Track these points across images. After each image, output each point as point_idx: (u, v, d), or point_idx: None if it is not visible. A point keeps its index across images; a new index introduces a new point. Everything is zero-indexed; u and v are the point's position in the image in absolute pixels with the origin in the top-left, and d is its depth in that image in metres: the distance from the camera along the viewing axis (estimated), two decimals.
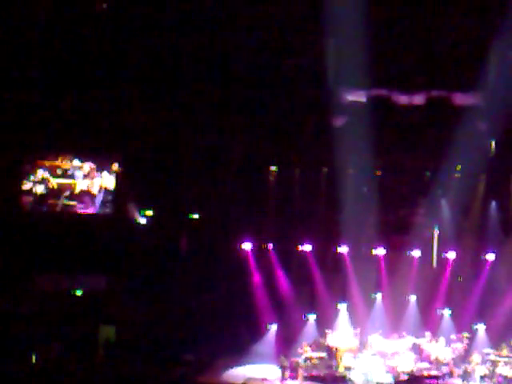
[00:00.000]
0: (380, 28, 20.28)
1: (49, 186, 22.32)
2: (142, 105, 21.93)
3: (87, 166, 22.43)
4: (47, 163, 22.28)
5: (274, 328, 22.53)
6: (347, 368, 20.81)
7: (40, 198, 22.34)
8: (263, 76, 21.38)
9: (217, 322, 22.77)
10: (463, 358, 21.45)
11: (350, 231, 22.95)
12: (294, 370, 20.73)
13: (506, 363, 20.88)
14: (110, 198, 22.56)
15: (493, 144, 22.47)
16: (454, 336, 21.99)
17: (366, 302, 23.25)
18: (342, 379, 20.66)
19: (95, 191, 22.46)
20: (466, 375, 20.64)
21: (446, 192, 23.21)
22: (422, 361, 21.37)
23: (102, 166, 22.52)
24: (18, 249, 22.20)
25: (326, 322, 22.61)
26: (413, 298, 23.20)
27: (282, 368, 20.81)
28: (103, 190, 22.52)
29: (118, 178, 22.49)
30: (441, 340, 21.78)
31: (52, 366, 21.15)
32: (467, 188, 22.79)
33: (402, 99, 21.92)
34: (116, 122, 22.01)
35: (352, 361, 20.98)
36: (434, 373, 20.96)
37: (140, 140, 22.35)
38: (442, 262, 23.52)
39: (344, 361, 21.01)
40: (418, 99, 21.87)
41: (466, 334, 22.01)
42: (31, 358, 21.15)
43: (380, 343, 21.64)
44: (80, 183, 22.41)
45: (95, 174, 22.45)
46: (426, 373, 20.97)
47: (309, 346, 21.57)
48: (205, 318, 22.89)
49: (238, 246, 23.11)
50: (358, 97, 21.87)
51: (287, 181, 23.35)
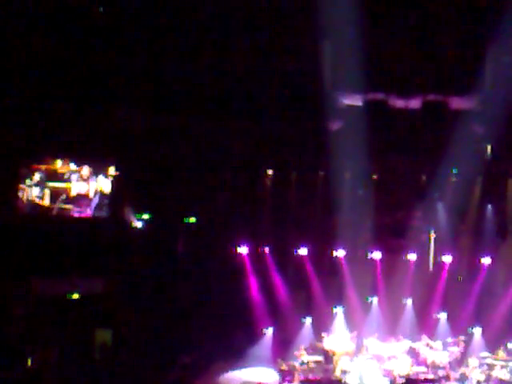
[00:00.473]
0: (376, 31, 20.24)
1: (45, 190, 22.31)
2: (138, 108, 21.91)
3: (83, 169, 22.41)
4: (43, 167, 22.26)
5: (270, 331, 22.52)
6: (343, 371, 20.81)
7: (36, 202, 22.32)
8: (259, 79, 21.37)
9: (213, 325, 22.74)
10: (460, 362, 21.48)
11: (347, 235, 22.94)
12: (291, 374, 20.75)
13: (502, 367, 20.92)
14: (106, 201, 22.52)
15: (489, 148, 22.48)
16: (450, 339, 22.01)
17: (363, 306, 23.23)
18: (339, 383, 20.68)
19: (91, 195, 22.45)
20: (463, 379, 20.68)
21: (442, 195, 23.18)
22: (418, 364, 21.35)
23: (97, 170, 22.49)
24: (14, 252, 22.15)
25: (322, 326, 22.59)
26: (409, 302, 23.18)
27: (280, 372, 20.84)
28: (99, 193, 22.50)
29: (115, 182, 22.47)
30: (437, 343, 21.79)
31: (48, 370, 21.16)
32: (463, 191, 22.77)
33: (399, 103, 21.91)
34: (112, 125, 21.98)
35: (348, 364, 20.99)
36: (430, 376, 20.97)
37: (136, 143, 22.32)
38: (439, 265, 23.52)
39: (340, 364, 21.01)
40: (415, 103, 21.86)
41: (462, 338, 22.03)
42: (27, 361, 21.17)
43: (376, 347, 21.63)
44: (76, 187, 22.38)
45: (91, 177, 22.43)
46: (422, 376, 20.99)
47: (305, 349, 21.57)
48: (201, 322, 22.86)
49: (234, 250, 23.10)
50: (354, 100, 21.86)
51: (283, 184, 23.34)
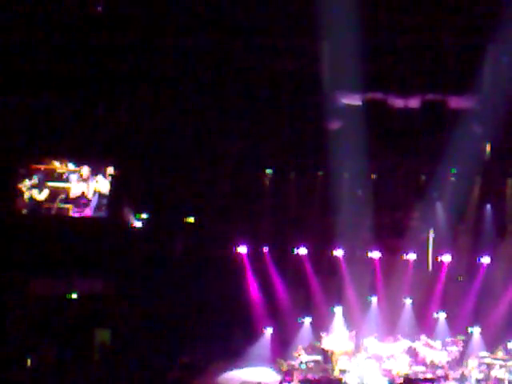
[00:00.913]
0: (375, 31, 20.23)
1: (44, 190, 22.30)
2: (137, 108, 21.92)
3: (82, 169, 22.41)
4: (42, 167, 22.26)
5: (269, 331, 22.52)
6: (342, 371, 20.79)
7: (35, 202, 22.33)
8: (257, 79, 21.39)
9: (212, 324, 22.75)
10: (459, 362, 21.47)
11: (346, 234, 22.93)
12: (290, 374, 20.75)
13: (501, 366, 20.88)
14: (105, 201, 22.53)
15: (488, 147, 22.50)
16: (449, 339, 22.01)
17: (362, 305, 23.21)
18: (338, 382, 20.65)
19: (90, 195, 22.44)
20: (462, 378, 20.64)
21: (441, 195, 23.18)
22: (417, 364, 21.33)
23: (96, 170, 22.49)
24: (13, 252, 22.18)
25: (321, 325, 22.58)
26: (408, 301, 23.18)
27: (279, 371, 20.85)
28: (98, 193, 22.49)
29: (113, 182, 22.46)
30: (436, 343, 21.79)
31: (47, 370, 21.17)
32: (462, 191, 22.78)
33: (398, 102, 21.92)
34: (111, 125, 22.01)
35: (347, 364, 20.97)
36: (429, 376, 20.92)
37: (135, 143, 22.35)
38: (438, 265, 23.52)
39: (339, 364, 21.00)
40: (414, 102, 21.87)
41: (461, 337, 22.04)
42: (26, 361, 21.17)
43: (375, 346, 21.61)
44: (75, 187, 22.38)
45: (90, 177, 22.43)
46: (421, 376, 20.95)
47: (304, 349, 21.57)
48: (200, 321, 22.88)
49: (233, 249, 23.10)
50: (353, 100, 21.87)
51: (282, 184, 23.35)
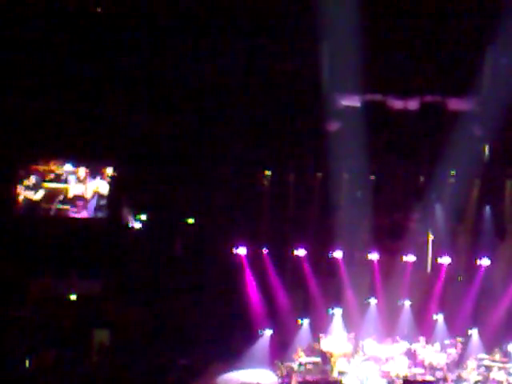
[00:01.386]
0: (374, 33, 20.26)
1: (42, 191, 22.31)
2: (136, 109, 21.93)
3: (80, 170, 22.42)
4: (40, 168, 22.28)
5: (268, 333, 22.51)
6: (341, 373, 20.79)
7: (33, 203, 22.34)
8: (257, 81, 21.41)
9: (211, 326, 22.77)
10: (457, 363, 21.49)
11: (345, 236, 22.94)
12: (288, 375, 20.75)
13: (499, 368, 20.91)
14: (104, 202, 22.53)
15: (487, 149, 22.51)
16: (448, 341, 22.01)
17: (360, 307, 23.22)
18: None
19: (88, 196, 22.45)
20: (460, 380, 20.67)
21: (440, 197, 23.21)
22: (415, 366, 21.35)
23: (95, 171, 22.50)
24: (12, 253, 22.19)
25: (320, 327, 22.59)
26: (407, 303, 23.19)
27: (278, 373, 20.84)
28: (97, 194, 22.50)
29: (113, 183, 22.47)
30: (435, 345, 21.79)
31: (46, 371, 21.16)
32: (461, 193, 22.81)
33: (397, 104, 21.94)
34: (110, 126, 22.01)
35: (346, 366, 20.97)
36: (428, 378, 20.95)
37: (134, 144, 22.36)
38: (437, 266, 23.53)
39: (338, 365, 20.99)
40: (413, 104, 21.90)
41: (460, 339, 22.04)
42: (25, 362, 21.17)
43: (374, 348, 21.62)
44: (73, 188, 22.39)
45: (88, 178, 22.43)
46: (419, 378, 20.97)
47: (303, 350, 21.59)
48: (199, 323, 22.89)
49: (232, 251, 23.10)
50: (352, 102, 21.89)
51: (281, 185, 23.37)
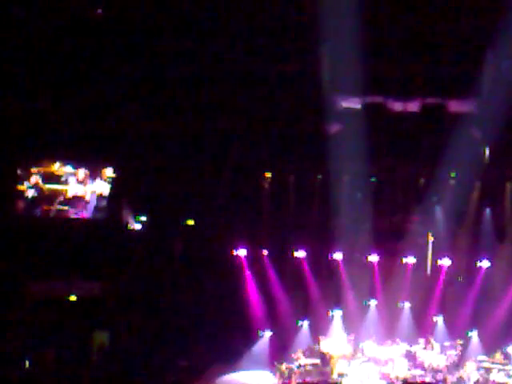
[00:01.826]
0: (375, 35, 20.25)
1: (42, 192, 22.31)
2: (136, 110, 21.93)
3: (80, 172, 22.43)
4: (41, 169, 22.28)
5: (267, 334, 22.52)
6: (341, 374, 20.80)
7: (34, 204, 22.34)
8: (258, 82, 21.40)
9: (211, 327, 22.78)
10: (457, 365, 21.48)
11: (345, 238, 22.96)
12: (288, 377, 20.75)
13: (499, 370, 20.94)
14: (104, 203, 22.53)
15: (487, 151, 22.50)
16: (447, 343, 22.01)
17: (360, 309, 23.23)
18: None
19: (88, 197, 22.46)
20: (460, 382, 20.69)
21: (440, 199, 23.21)
22: (415, 368, 21.37)
23: (95, 173, 22.50)
24: (12, 254, 22.20)
25: (319, 329, 22.59)
26: (407, 305, 23.20)
27: (277, 375, 20.84)
28: (96, 195, 22.50)
29: (113, 184, 22.47)
30: (435, 347, 21.79)
31: (45, 372, 21.18)
32: (462, 195, 22.82)
33: (397, 106, 21.93)
34: (110, 128, 22.03)
35: (345, 367, 20.98)
36: (427, 380, 20.96)
37: (134, 146, 22.36)
38: (437, 268, 23.53)
39: (338, 367, 21.01)
40: (413, 106, 21.89)
41: (460, 341, 22.04)
42: (24, 363, 21.18)
43: (374, 350, 21.63)
44: (73, 189, 22.40)
45: (88, 180, 22.44)
46: (419, 380, 20.97)
47: (302, 352, 21.59)
48: (199, 324, 22.89)
49: (232, 252, 23.10)
50: (352, 103, 21.88)
51: (282, 187, 23.38)
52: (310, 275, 23.40)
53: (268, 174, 23.43)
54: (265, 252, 23.39)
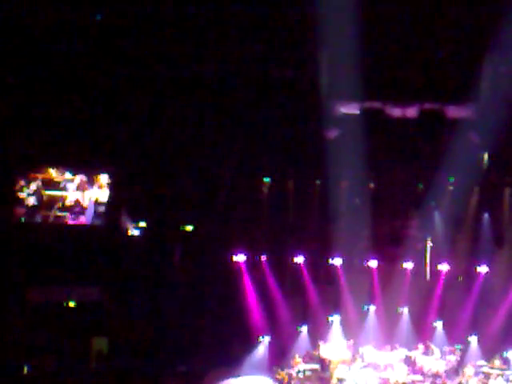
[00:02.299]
0: (373, 40, 20.28)
1: (41, 198, 22.32)
2: (134, 116, 21.95)
3: (78, 178, 22.44)
4: (40, 176, 22.30)
5: (266, 340, 22.51)
6: (340, 380, 20.76)
7: (33, 210, 22.35)
8: (256, 88, 21.42)
9: (209, 333, 22.78)
10: (456, 371, 21.47)
11: (343, 243, 22.92)
12: (287, 382, 20.74)
13: (498, 375, 20.93)
14: (102, 209, 22.53)
15: (486, 157, 22.52)
16: (446, 348, 22.00)
17: (359, 314, 23.22)
18: None
19: (86, 203, 22.45)
20: None
21: (439, 204, 23.21)
22: (414, 373, 21.31)
23: (93, 179, 22.51)
24: (11, 260, 22.19)
25: (318, 334, 22.56)
26: (406, 310, 23.18)
27: (276, 380, 20.81)
28: (94, 201, 22.49)
29: (111, 190, 22.47)
30: (434, 352, 21.78)
31: (44, 378, 21.17)
32: (460, 200, 22.83)
33: (395, 111, 21.95)
34: (109, 134, 22.04)
35: (345, 373, 20.94)
36: None
37: (133, 152, 22.37)
38: (435, 273, 23.52)
39: (337, 373, 20.96)
40: (411, 112, 21.90)
41: (459, 346, 22.05)
42: (23, 369, 21.16)
43: (373, 355, 21.59)
44: (71, 195, 22.41)
45: (86, 186, 22.44)
46: None
47: (301, 357, 21.57)
48: (198, 330, 22.89)
49: (231, 258, 23.09)
50: (351, 109, 21.90)
51: (280, 192, 23.38)
52: (309, 281, 23.38)
53: (267, 180, 23.46)
54: (264, 257, 23.41)
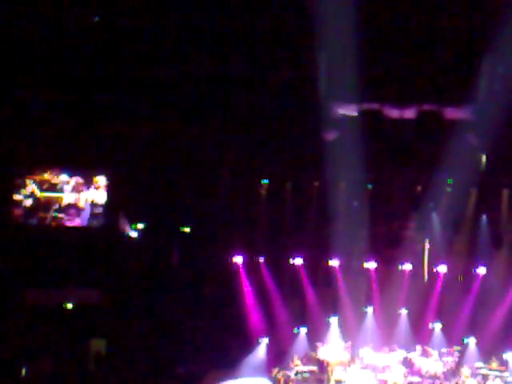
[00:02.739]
0: (372, 42, 20.26)
1: (38, 200, 22.29)
2: (133, 117, 21.93)
3: (74, 180, 22.42)
4: (37, 178, 22.29)
5: (264, 341, 22.51)
6: (338, 381, 20.78)
7: (30, 211, 22.33)
8: (254, 89, 21.39)
9: (207, 335, 22.77)
10: (454, 372, 21.48)
11: (341, 245, 22.91)
12: None
13: (496, 377, 20.96)
14: (99, 211, 22.50)
15: (483, 158, 22.52)
16: (445, 349, 22.01)
17: (357, 316, 23.22)
18: None
19: (82, 204, 22.44)
20: None
21: (437, 206, 23.20)
22: (412, 375, 21.32)
23: (89, 181, 22.50)
24: (9, 262, 22.17)
25: (316, 336, 22.56)
26: (404, 312, 23.18)
27: (274, 382, 20.81)
28: (91, 203, 22.47)
29: (109, 192, 22.45)
30: (432, 353, 21.79)
31: (42, 380, 21.14)
32: (458, 202, 22.82)
33: (393, 113, 21.93)
34: (106, 135, 22.02)
35: (343, 374, 20.96)
36: None
37: (130, 153, 22.35)
38: (433, 275, 23.53)
39: (335, 374, 20.98)
40: (409, 113, 21.88)
41: (457, 348, 22.05)
42: (21, 371, 21.13)
43: (371, 357, 21.60)
44: (67, 196, 22.39)
45: (83, 188, 22.42)
46: None
47: (299, 359, 21.58)
48: (196, 331, 22.88)
49: (229, 259, 23.09)
50: (349, 111, 21.88)
51: (278, 194, 23.38)
52: (307, 282, 23.38)
53: (264, 181, 23.45)
54: (262, 259, 23.41)
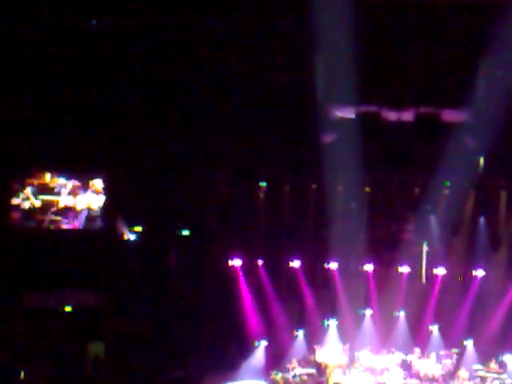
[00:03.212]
0: (369, 44, 20.27)
1: (35, 203, 22.28)
2: (130, 120, 21.93)
3: (71, 183, 22.42)
4: (35, 181, 22.28)
5: (263, 344, 22.51)
6: None
7: (28, 214, 22.32)
8: (251, 92, 21.39)
9: (206, 338, 22.77)
10: (452, 374, 21.49)
11: (339, 247, 22.92)
12: None
13: (494, 379, 20.97)
14: (95, 214, 22.48)
15: (481, 160, 22.52)
16: (443, 352, 22.02)
17: (355, 318, 23.24)
18: None
19: (79, 207, 22.42)
20: None
21: (435, 208, 23.22)
22: (411, 377, 21.36)
23: (86, 183, 22.50)
24: (6, 265, 22.15)
25: (315, 338, 22.60)
26: (402, 314, 23.21)
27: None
28: (87, 206, 22.46)
29: (107, 195, 22.45)
30: (431, 356, 21.79)
31: (41, 383, 21.13)
32: (456, 204, 22.84)
33: (391, 115, 21.93)
34: (103, 138, 22.01)
35: (341, 377, 21.00)
36: None
37: (128, 156, 22.35)
38: (431, 278, 23.53)
39: (333, 377, 21.00)
40: (407, 116, 21.88)
41: (455, 350, 22.07)
42: (19, 374, 21.12)
43: (369, 359, 21.64)
44: (64, 199, 22.39)
45: (80, 191, 22.41)
46: None
47: (298, 362, 21.59)
48: (194, 334, 22.88)
49: (227, 262, 23.09)
50: (347, 113, 21.88)
51: (276, 197, 23.38)
52: (306, 285, 23.40)
53: (263, 184, 23.45)
54: (260, 262, 23.41)
